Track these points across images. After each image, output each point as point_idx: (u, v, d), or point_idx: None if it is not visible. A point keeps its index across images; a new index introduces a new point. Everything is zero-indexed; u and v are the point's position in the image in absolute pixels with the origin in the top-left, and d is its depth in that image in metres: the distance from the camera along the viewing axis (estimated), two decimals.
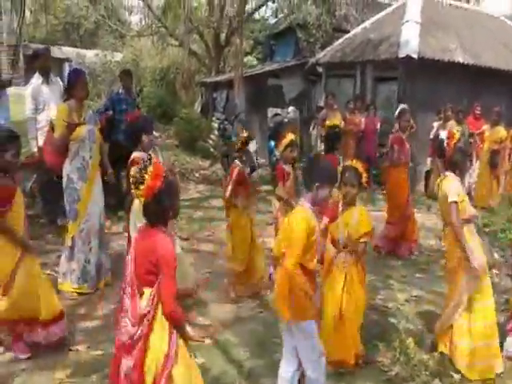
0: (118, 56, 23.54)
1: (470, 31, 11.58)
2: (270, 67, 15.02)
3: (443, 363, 3.44)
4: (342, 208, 3.53)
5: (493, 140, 8.29)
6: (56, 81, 6.11)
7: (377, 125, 9.55)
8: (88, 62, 21.41)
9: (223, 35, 18.90)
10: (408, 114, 6.35)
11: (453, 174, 3.52)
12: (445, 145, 3.60)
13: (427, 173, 9.59)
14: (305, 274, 2.77)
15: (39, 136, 5.66)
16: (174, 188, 2.48)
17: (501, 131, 8.22)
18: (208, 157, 12.15)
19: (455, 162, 3.53)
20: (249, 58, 21.60)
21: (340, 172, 3.54)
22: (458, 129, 9.06)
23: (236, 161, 4.60)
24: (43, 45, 14.81)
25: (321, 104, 10.84)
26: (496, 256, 5.61)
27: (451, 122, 9.18)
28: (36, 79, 5.80)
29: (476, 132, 8.73)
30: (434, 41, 10.41)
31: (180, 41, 19.16)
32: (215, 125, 14.45)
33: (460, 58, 10.10)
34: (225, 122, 11.57)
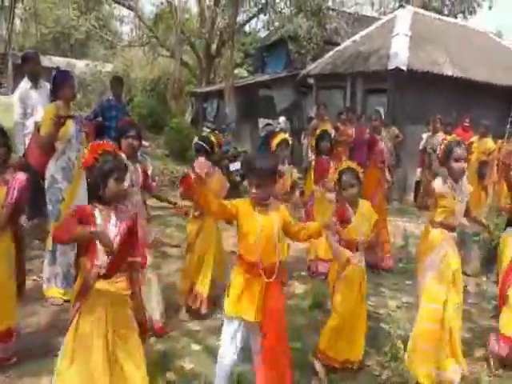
0: (109, 66, 23.57)
1: (459, 45, 11.78)
2: (262, 78, 15.09)
3: None
4: (351, 210, 3.45)
5: (481, 151, 8.38)
6: (45, 86, 5.98)
7: (366, 134, 9.56)
8: (78, 72, 21.35)
9: (214, 46, 19.03)
10: (378, 115, 6.26)
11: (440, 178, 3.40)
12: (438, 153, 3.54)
13: (417, 183, 9.61)
14: (242, 266, 2.77)
15: (27, 141, 5.54)
16: (109, 167, 2.50)
17: (489, 142, 8.32)
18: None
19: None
20: (239, 70, 21.74)
21: (336, 178, 3.51)
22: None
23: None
24: None
25: (311, 115, 10.89)
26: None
27: (440, 134, 9.34)
28: (25, 83, 5.68)
29: (465, 142, 8.79)
30: (423, 54, 10.56)
31: (171, 51, 19.27)
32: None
33: (449, 71, 10.25)
34: (215, 132, 11.54)
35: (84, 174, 4.31)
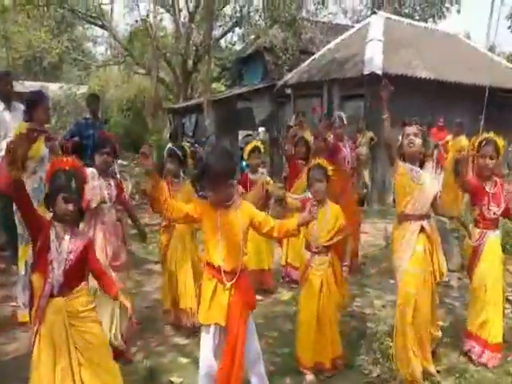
0: (84, 88, 23.29)
1: (430, 48, 12.02)
2: (239, 90, 15.15)
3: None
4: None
5: (456, 149, 8.50)
6: (19, 107, 5.81)
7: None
8: (52, 95, 21.07)
9: (190, 62, 19.08)
10: (341, 121, 6.19)
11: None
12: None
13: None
14: (209, 270, 2.71)
15: None
16: (58, 185, 2.47)
17: (463, 140, 8.44)
18: None
19: None
20: (217, 85, 21.79)
21: (306, 173, 3.49)
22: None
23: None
24: None
25: (290, 123, 10.92)
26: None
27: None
28: None
29: (440, 142, 8.94)
30: (397, 58, 10.73)
31: (147, 69, 19.25)
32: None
33: (422, 74, 10.43)
34: (195, 145, 11.52)
35: None
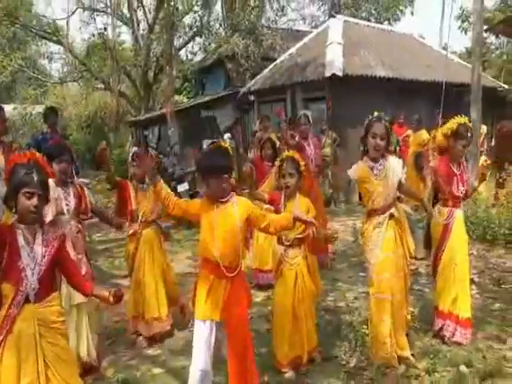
0: (40, 107, 22.59)
1: (388, 48, 12.33)
2: (203, 99, 15.06)
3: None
4: (284, 202, 3.38)
5: (417, 143, 8.69)
6: None
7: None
8: (7, 116, 20.26)
9: (151, 73, 18.86)
10: (306, 119, 6.23)
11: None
12: None
13: None
14: (205, 266, 2.72)
15: None
16: (19, 180, 2.29)
17: (423, 134, 8.66)
18: None
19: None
20: (179, 98, 21.57)
21: (277, 165, 3.44)
22: None
23: None
24: None
25: (255, 129, 10.91)
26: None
27: None
28: None
29: (400, 138, 9.12)
30: (357, 59, 10.95)
31: (106, 83, 18.88)
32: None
33: (381, 73, 10.66)
34: (159, 156, 11.30)
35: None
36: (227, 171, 2.67)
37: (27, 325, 2.26)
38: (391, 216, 3.32)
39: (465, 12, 20.72)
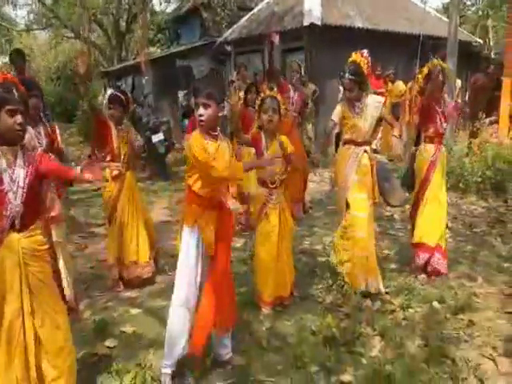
0: (5, 58, 21.50)
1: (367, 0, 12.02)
2: (178, 49, 14.57)
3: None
4: (266, 142, 3.35)
5: (394, 94, 8.70)
6: None
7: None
8: None
9: (123, 22, 18.07)
10: (298, 67, 6.22)
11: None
12: None
13: (337, 135, 9.83)
14: (196, 202, 2.58)
15: None
16: None
17: (400, 85, 8.69)
18: None
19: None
20: (152, 49, 20.81)
21: (258, 104, 3.37)
22: None
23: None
24: None
25: (232, 78, 10.67)
26: (406, 194, 6.02)
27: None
28: None
29: (378, 91, 9.08)
30: (335, 9, 10.70)
31: (76, 32, 18.00)
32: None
33: (359, 24, 10.47)
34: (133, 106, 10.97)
35: None
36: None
37: (10, 253, 2.19)
38: (365, 151, 3.66)
39: None
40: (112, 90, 4.13)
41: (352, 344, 2.93)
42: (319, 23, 9.85)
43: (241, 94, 7.12)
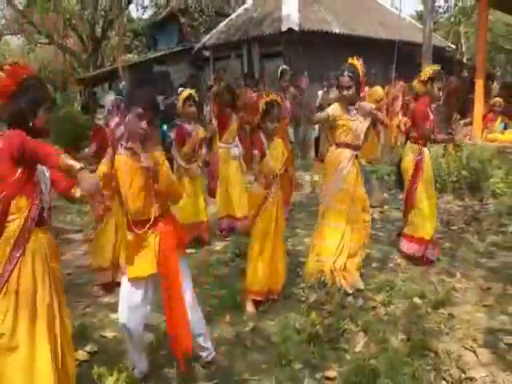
0: None
1: (344, 5, 12.21)
2: (155, 54, 14.49)
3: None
4: (267, 143, 3.44)
5: (373, 99, 8.79)
6: None
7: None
8: None
9: (99, 28, 17.87)
10: (287, 75, 6.38)
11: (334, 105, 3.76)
12: None
13: (316, 139, 10.11)
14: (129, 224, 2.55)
15: None
16: (35, 91, 2.19)
17: (378, 90, 8.79)
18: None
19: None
20: (130, 56, 20.63)
21: (263, 110, 3.39)
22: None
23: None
24: None
25: (210, 83, 10.66)
26: (385, 195, 6.50)
27: (334, 89, 9.70)
28: None
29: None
30: (313, 14, 10.84)
31: (50, 38, 17.72)
32: (100, 122, 13.60)
33: (336, 29, 10.60)
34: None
35: None
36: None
37: (40, 248, 2.15)
38: (356, 156, 3.74)
39: None
40: (112, 97, 4.13)
41: (336, 340, 2.94)
42: (297, 28, 9.96)
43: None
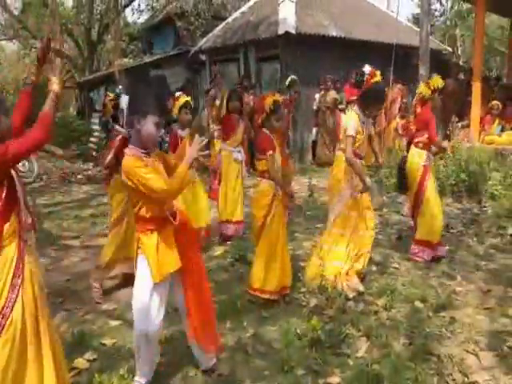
0: None
1: (341, 9, 12.26)
2: (152, 58, 14.46)
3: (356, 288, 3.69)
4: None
5: None
6: None
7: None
8: None
9: (95, 32, 17.82)
10: (298, 86, 6.46)
11: (356, 109, 3.73)
12: None
13: (313, 143, 10.24)
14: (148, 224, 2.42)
15: None
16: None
17: None
18: (90, 159, 11.48)
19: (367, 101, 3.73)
20: (126, 60, 20.59)
21: (270, 109, 3.44)
22: (337, 97, 9.68)
23: (117, 126, 3.92)
24: None
25: (208, 87, 10.65)
26: (385, 198, 6.59)
27: (331, 92, 9.76)
28: None
29: (353, 98, 9.24)
30: (309, 18, 10.84)
31: None
32: (95, 126, 13.56)
33: (333, 32, 10.62)
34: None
35: None
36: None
37: (33, 263, 2.18)
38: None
39: None
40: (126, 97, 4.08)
41: (338, 346, 2.92)
42: (294, 32, 9.95)
43: (216, 102, 7.11)
